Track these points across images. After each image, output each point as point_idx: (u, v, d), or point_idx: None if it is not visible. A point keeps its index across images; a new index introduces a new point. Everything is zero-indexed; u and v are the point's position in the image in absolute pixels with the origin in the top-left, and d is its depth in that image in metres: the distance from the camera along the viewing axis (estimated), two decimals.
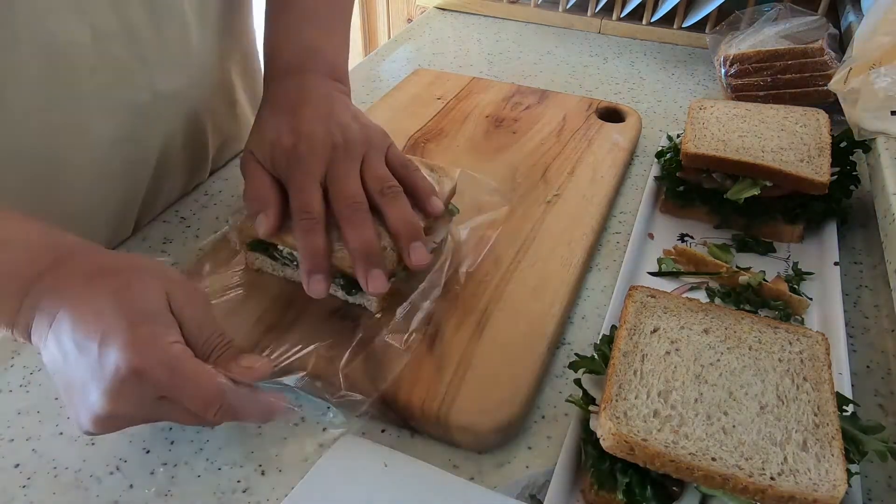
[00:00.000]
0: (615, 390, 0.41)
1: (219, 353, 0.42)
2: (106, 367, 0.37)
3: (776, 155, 0.62)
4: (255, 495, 0.43)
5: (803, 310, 0.56)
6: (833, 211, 0.64)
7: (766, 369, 0.43)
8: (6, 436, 0.46)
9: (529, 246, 0.60)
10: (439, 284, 0.54)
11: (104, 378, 0.37)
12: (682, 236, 0.65)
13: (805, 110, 0.69)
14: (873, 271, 0.62)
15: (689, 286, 0.59)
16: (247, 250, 0.55)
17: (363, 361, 0.49)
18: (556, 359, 0.53)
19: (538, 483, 0.44)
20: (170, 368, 0.38)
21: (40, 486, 0.43)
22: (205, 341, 0.42)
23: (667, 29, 1.07)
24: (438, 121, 0.80)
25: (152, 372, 0.38)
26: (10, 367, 0.51)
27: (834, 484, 0.36)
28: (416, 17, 1.29)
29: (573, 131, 0.78)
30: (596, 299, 0.58)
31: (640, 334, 0.45)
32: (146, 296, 0.40)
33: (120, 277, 0.41)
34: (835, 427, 0.39)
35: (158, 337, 0.39)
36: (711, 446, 0.38)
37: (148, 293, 0.41)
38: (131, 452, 0.45)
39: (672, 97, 0.92)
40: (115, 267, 0.42)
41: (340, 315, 0.53)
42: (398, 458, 0.43)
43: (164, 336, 0.39)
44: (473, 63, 1.02)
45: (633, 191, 0.72)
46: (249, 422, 0.45)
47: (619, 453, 0.39)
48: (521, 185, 0.69)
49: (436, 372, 0.48)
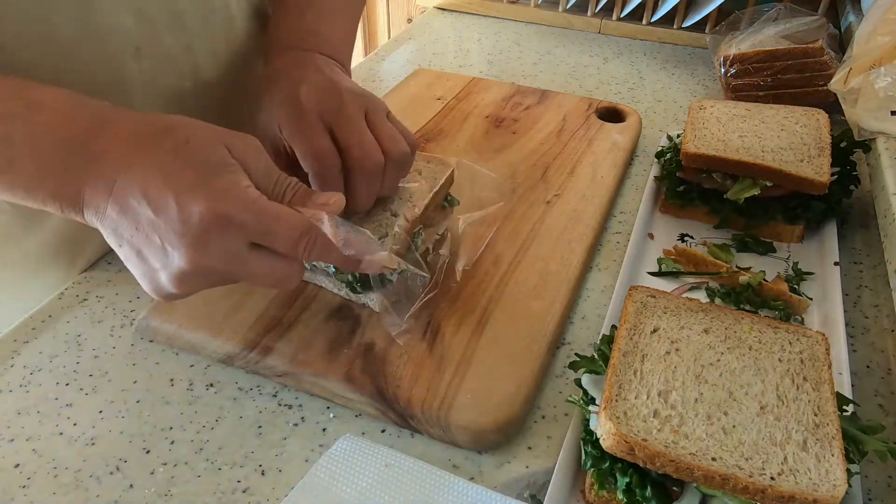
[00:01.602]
0: (615, 390, 0.41)
1: (290, 194, 0.43)
2: (189, 219, 0.37)
3: (776, 155, 0.62)
4: (255, 495, 0.43)
5: (803, 310, 0.56)
6: (833, 211, 0.64)
7: (766, 369, 0.43)
8: (6, 436, 0.46)
9: (529, 246, 0.60)
10: (438, 279, 0.54)
11: (189, 231, 0.37)
12: (682, 236, 0.65)
13: (805, 110, 0.69)
14: (873, 271, 0.62)
15: (689, 286, 0.59)
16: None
17: (364, 360, 0.49)
18: (556, 359, 0.53)
19: (538, 483, 0.44)
20: (254, 210, 0.38)
21: (40, 486, 0.43)
22: (274, 185, 0.42)
23: (667, 29, 1.07)
24: (438, 121, 0.80)
25: (238, 216, 0.38)
26: (10, 367, 0.51)
27: (834, 484, 0.36)
28: (416, 17, 1.30)
29: (573, 131, 0.78)
30: (596, 299, 0.58)
31: (640, 334, 0.45)
32: (208, 149, 0.40)
33: (175, 134, 0.40)
34: (835, 427, 0.39)
35: (235, 184, 0.39)
36: (711, 446, 0.38)
37: (209, 146, 0.40)
38: (131, 452, 0.45)
39: (672, 97, 0.92)
40: (165, 125, 0.41)
41: (341, 315, 0.53)
42: (398, 458, 0.43)
43: (239, 183, 0.39)
44: (473, 63, 1.02)
45: (633, 191, 0.72)
46: (336, 263, 0.44)
47: (619, 453, 0.39)
48: (521, 185, 0.69)
49: (436, 372, 0.48)
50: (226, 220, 0.38)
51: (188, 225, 0.37)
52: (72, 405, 0.48)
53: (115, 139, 0.40)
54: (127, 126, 0.41)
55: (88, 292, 0.57)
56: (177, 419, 0.47)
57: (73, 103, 0.41)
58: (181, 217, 0.37)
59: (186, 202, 0.37)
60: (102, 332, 0.54)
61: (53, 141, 0.40)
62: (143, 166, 0.39)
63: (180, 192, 0.38)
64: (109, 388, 0.49)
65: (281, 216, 0.40)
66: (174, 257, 0.38)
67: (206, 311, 0.53)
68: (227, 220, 0.38)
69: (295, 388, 0.49)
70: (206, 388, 0.49)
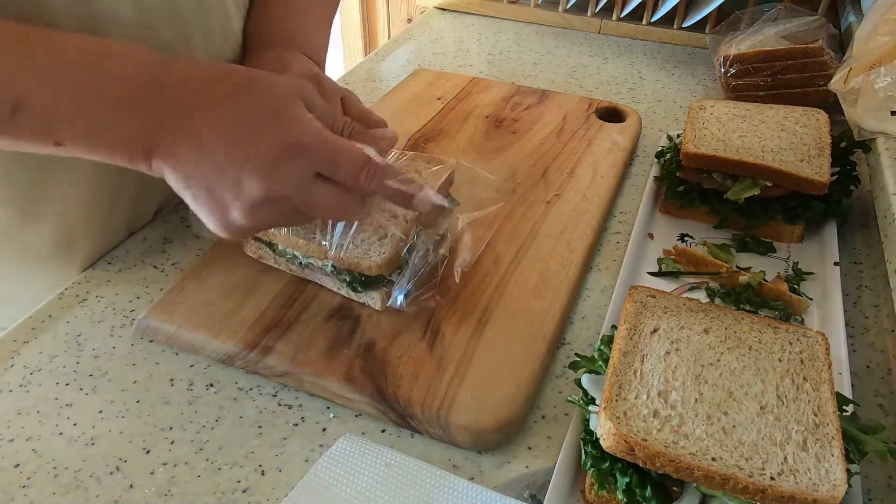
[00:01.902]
0: (615, 390, 0.41)
1: (348, 130, 0.48)
2: (265, 149, 0.40)
3: (776, 155, 0.62)
4: (255, 495, 0.43)
5: (803, 310, 0.56)
6: (833, 211, 0.64)
7: (766, 369, 0.43)
8: (6, 436, 0.46)
9: (529, 246, 0.60)
10: (436, 277, 0.54)
11: (262, 159, 0.40)
12: (682, 236, 0.65)
13: (805, 110, 0.69)
14: (873, 271, 0.62)
15: (689, 286, 0.59)
16: (252, 239, 0.56)
17: (364, 360, 0.49)
18: (556, 359, 0.53)
19: (538, 483, 0.44)
20: (324, 140, 0.42)
21: (40, 486, 0.43)
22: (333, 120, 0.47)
23: (667, 29, 1.07)
24: (438, 121, 0.80)
25: (311, 144, 0.41)
26: (10, 367, 0.51)
27: (834, 484, 0.36)
28: (416, 17, 1.30)
29: (573, 131, 0.78)
30: (596, 299, 0.58)
31: (640, 334, 0.45)
32: (274, 85, 0.43)
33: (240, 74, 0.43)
34: (835, 427, 0.39)
35: (302, 115, 0.43)
36: (711, 446, 0.38)
37: (274, 83, 0.43)
38: (131, 452, 0.45)
39: (672, 97, 0.92)
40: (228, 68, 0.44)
41: (341, 315, 0.53)
42: (398, 458, 0.43)
43: (306, 115, 0.43)
44: (473, 63, 1.02)
45: (633, 191, 0.72)
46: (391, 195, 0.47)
47: (619, 453, 0.39)
48: (521, 185, 0.69)
49: (436, 372, 0.48)
50: (297, 148, 0.41)
51: (261, 153, 0.40)
52: (72, 405, 0.48)
53: (187, 79, 0.42)
54: (194, 69, 0.43)
55: (88, 292, 0.57)
56: (177, 419, 0.47)
57: (138, 50, 0.43)
58: (255, 146, 0.40)
59: (260, 132, 0.40)
60: (102, 332, 0.54)
61: (128, 84, 0.41)
62: (215, 102, 0.41)
63: (253, 123, 0.41)
64: (109, 388, 0.49)
65: (343, 147, 0.43)
66: (248, 187, 0.40)
67: (206, 311, 0.53)
68: (298, 147, 0.41)
69: (295, 388, 0.49)
70: (206, 388, 0.50)
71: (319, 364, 0.49)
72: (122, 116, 0.41)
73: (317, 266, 0.54)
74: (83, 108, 0.41)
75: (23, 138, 0.41)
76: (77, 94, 0.40)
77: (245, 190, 0.40)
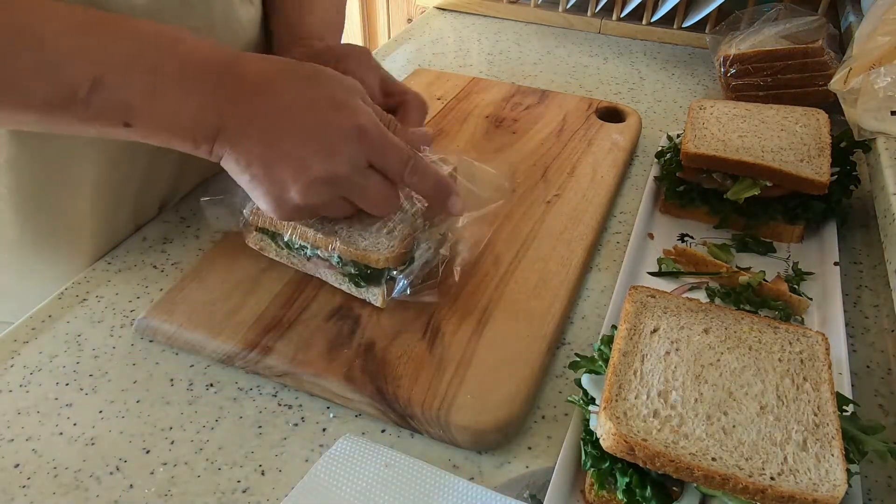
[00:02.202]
0: (615, 390, 0.41)
1: (393, 127, 0.50)
2: (330, 131, 0.44)
3: (776, 155, 0.62)
4: (255, 495, 0.43)
5: (803, 310, 0.56)
6: (833, 211, 0.64)
7: (766, 369, 0.43)
8: (6, 436, 0.46)
9: (529, 246, 0.60)
10: (437, 277, 0.54)
11: (328, 143, 0.44)
12: (682, 236, 0.65)
13: (805, 110, 0.69)
14: (873, 271, 0.62)
15: (689, 286, 0.59)
16: (255, 230, 0.56)
17: (364, 360, 0.49)
18: (556, 359, 0.53)
19: (538, 483, 0.44)
20: (380, 130, 0.46)
21: (40, 486, 0.43)
22: (380, 115, 0.50)
23: (667, 29, 1.07)
24: (438, 121, 0.80)
25: (370, 131, 0.45)
26: (10, 367, 0.51)
27: (834, 484, 0.36)
28: (416, 17, 1.29)
29: (573, 131, 0.78)
30: (596, 299, 0.58)
31: (640, 334, 0.45)
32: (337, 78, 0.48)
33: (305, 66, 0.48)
34: (835, 427, 0.39)
35: (363, 105, 0.47)
36: (711, 446, 0.38)
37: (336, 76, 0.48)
38: (131, 452, 0.45)
39: (672, 97, 0.92)
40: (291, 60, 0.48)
41: (341, 315, 0.53)
42: (398, 458, 0.43)
43: (366, 106, 0.47)
44: (473, 63, 1.02)
45: (633, 191, 0.72)
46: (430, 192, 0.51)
47: (619, 453, 0.39)
48: (521, 185, 0.69)
49: (436, 372, 0.48)
50: (359, 132, 0.45)
51: (327, 135, 0.44)
52: (72, 405, 0.48)
53: (258, 69, 0.46)
54: (264, 61, 0.47)
55: (88, 292, 0.57)
56: (177, 419, 0.47)
57: (209, 41, 0.46)
58: (322, 129, 0.44)
59: (327, 116, 0.44)
60: (102, 332, 0.54)
61: (201, 68, 0.44)
62: (285, 89, 0.45)
63: (320, 108, 0.44)
64: (109, 388, 0.49)
65: (394, 141, 0.47)
66: (311, 166, 0.44)
67: (206, 311, 0.53)
68: (359, 131, 0.45)
69: (295, 388, 0.49)
70: (206, 388, 0.50)
71: (319, 364, 0.49)
72: (193, 98, 0.44)
73: (322, 257, 0.53)
74: (157, 88, 0.43)
75: (95, 119, 0.43)
76: (151, 75, 0.43)
77: (307, 169, 0.44)
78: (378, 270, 0.52)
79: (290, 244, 0.54)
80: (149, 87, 0.43)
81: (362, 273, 0.52)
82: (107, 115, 0.43)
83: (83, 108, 0.42)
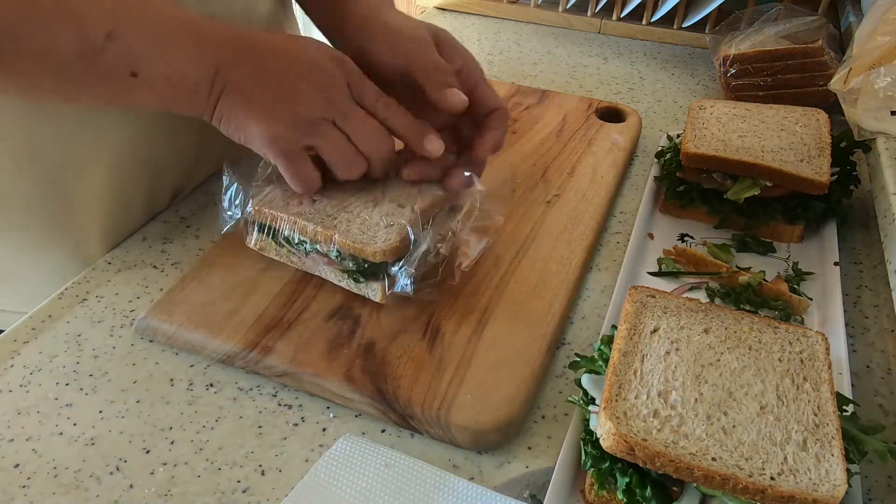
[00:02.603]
0: (615, 390, 0.41)
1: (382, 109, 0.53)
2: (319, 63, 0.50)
3: (776, 155, 0.62)
4: (255, 495, 0.43)
5: (803, 310, 0.56)
6: (833, 211, 0.64)
7: (766, 369, 0.43)
8: (6, 436, 0.46)
9: (529, 246, 0.60)
10: (437, 277, 0.54)
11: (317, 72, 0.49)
12: (682, 236, 0.65)
13: (805, 110, 0.69)
14: (873, 271, 0.62)
15: (689, 286, 0.59)
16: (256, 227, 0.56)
17: (364, 360, 0.49)
18: (556, 359, 0.53)
19: (538, 483, 0.44)
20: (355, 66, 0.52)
21: (40, 486, 0.43)
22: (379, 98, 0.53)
23: (667, 29, 1.07)
24: None
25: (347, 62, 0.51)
26: (10, 367, 0.51)
27: (834, 484, 0.36)
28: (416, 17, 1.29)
29: (573, 131, 0.78)
30: (596, 299, 0.58)
31: (640, 334, 0.45)
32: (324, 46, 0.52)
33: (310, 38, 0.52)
34: (835, 427, 0.39)
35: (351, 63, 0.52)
36: (711, 446, 0.38)
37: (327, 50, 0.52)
38: (131, 452, 0.45)
39: (672, 97, 0.92)
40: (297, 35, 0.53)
41: (341, 315, 0.53)
42: (398, 458, 0.43)
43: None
44: None
45: (633, 191, 0.72)
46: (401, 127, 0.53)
47: (619, 453, 0.39)
48: (521, 185, 0.68)
49: (436, 372, 0.48)
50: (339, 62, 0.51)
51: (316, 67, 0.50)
52: (72, 405, 0.48)
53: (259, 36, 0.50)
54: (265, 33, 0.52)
55: (88, 292, 0.57)
56: (177, 419, 0.47)
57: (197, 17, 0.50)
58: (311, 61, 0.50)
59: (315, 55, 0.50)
60: (102, 332, 0.54)
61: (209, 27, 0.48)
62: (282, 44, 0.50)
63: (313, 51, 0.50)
64: (109, 388, 0.49)
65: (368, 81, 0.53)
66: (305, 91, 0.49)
67: (206, 311, 0.53)
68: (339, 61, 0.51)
69: (295, 388, 0.49)
70: (206, 388, 0.50)
71: (319, 364, 0.49)
72: (199, 51, 0.47)
73: (321, 253, 0.53)
74: (166, 39, 0.47)
75: (107, 69, 0.45)
76: (162, 28, 0.47)
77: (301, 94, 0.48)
78: (376, 265, 0.52)
79: (290, 240, 0.54)
80: (158, 39, 0.46)
81: (361, 268, 0.52)
82: (117, 65, 0.45)
83: (98, 58, 0.45)
